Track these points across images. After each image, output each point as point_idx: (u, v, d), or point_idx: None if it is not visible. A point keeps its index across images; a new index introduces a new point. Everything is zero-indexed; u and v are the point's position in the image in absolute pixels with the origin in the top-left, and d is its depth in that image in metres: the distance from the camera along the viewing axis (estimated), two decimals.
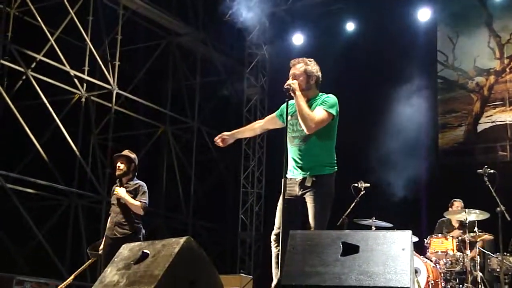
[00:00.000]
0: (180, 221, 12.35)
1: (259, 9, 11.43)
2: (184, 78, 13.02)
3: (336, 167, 4.56)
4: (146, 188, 6.19)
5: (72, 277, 6.78)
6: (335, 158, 4.57)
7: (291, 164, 4.54)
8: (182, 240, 4.08)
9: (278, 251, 4.31)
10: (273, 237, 4.47)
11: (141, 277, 3.94)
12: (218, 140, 4.94)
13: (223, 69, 13.00)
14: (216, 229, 12.94)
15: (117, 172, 6.22)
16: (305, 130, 4.43)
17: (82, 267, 6.74)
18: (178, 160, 12.53)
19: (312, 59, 4.74)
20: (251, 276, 8.57)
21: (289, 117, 4.50)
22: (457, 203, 7.89)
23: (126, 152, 6.25)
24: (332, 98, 4.55)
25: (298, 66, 4.63)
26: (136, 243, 4.45)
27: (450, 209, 7.78)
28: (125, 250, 4.36)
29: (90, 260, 6.39)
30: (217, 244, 12.46)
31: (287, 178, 4.34)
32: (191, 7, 12.50)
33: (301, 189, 4.48)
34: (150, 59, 12.20)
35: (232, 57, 13.26)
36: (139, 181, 6.23)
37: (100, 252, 6.22)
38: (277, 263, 4.33)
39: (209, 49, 12.66)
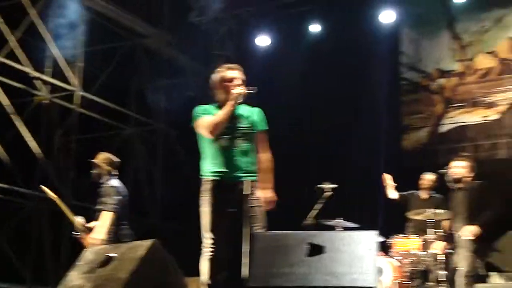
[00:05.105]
0: (147, 224, 12.22)
1: (224, 11, 11.42)
2: (149, 80, 12.91)
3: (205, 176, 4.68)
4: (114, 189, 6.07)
5: (55, 197, 6.43)
6: (207, 167, 4.71)
7: None
8: (147, 243, 4.05)
9: None
10: None
11: (106, 281, 3.90)
12: None
13: (189, 70, 12.92)
14: (183, 231, 12.85)
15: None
16: None
17: (67, 212, 6.42)
18: (144, 163, 12.41)
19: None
20: None
21: None
22: (427, 177, 7.77)
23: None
24: None
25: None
26: (101, 247, 4.40)
27: (421, 183, 7.77)
28: (90, 253, 4.31)
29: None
30: (183, 246, 12.36)
31: None
32: (156, 8, 12.39)
33: None
34: (114, 61, 12.05)
35: (198, 59, 13.20)
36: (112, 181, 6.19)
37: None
38: None
39: (174, 51, 12.58)
